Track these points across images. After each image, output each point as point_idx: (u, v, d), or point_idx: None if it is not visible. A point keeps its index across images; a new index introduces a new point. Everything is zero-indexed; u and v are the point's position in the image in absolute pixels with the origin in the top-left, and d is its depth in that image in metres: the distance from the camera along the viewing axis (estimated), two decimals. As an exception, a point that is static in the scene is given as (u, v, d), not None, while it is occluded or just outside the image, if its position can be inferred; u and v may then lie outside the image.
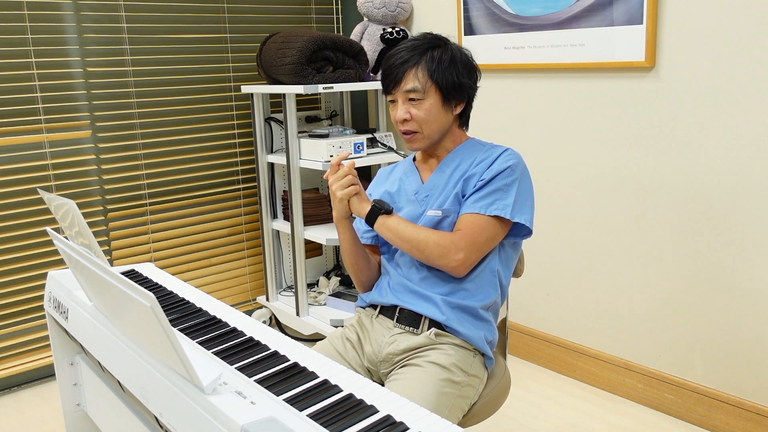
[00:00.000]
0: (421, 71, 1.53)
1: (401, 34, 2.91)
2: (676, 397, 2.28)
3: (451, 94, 1.55)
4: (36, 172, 2.58)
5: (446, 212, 1.56)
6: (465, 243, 1.50)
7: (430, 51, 1.54)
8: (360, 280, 1.70)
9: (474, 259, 1.51)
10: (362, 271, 1.68)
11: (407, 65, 1.53)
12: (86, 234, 1.46)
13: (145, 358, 1.17)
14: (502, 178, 1.53)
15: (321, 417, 0.98)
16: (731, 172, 2.05)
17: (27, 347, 2.66)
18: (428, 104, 1.54)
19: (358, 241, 1.66)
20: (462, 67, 1.56)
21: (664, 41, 2.14)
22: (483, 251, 1.52)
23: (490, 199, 1.51)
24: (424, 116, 1.55)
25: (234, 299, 3.18)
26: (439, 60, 1.53)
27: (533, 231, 1.64)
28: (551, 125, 2.51)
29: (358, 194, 1.56)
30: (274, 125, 3.04)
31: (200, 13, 2.89)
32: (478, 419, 1.54)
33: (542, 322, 2.70)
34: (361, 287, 1.72)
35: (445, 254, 1.49)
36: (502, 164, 1.54)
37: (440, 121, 1.57)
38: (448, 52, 1.55)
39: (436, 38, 1.58)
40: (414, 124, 1.56)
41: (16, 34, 2.48)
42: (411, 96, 1.54)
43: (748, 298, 2.07)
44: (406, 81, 1.53)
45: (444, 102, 1.55)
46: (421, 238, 1.51)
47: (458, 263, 1.50)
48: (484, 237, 1.51)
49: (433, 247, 1.50)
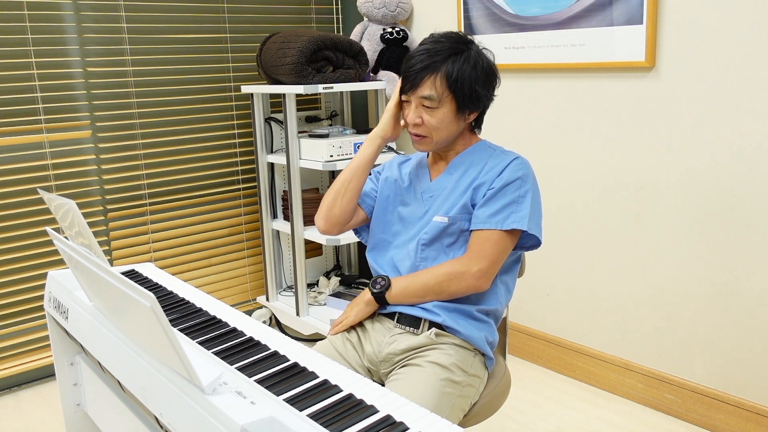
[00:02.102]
0: (440, 80, 1.49)
1: (401, 34, 2.91)
2: (676, 397, 2.28)
3: (467, 103, 1.53)
4: (36, 172, 2.58)
5: (453, 220, 1.54)
6: (476, 257, 1.48)
7: (452, 57, 1.50)
8: (332, 208, 1.64)
9: (492, 270, 1.49)
10: (344, 201, 1.63)
11: (426, 71, 1.50)
12: (86, 234, 1.46)
13: (145, 358, 1.17)
14: (514, 189, 1.51)
15: (321, 417, 0.98)
16: (731, 172, 2.05)
17: (27, 347, 2.66)
18: (441, 113, 1.52)
19: (363, 180, 1.64)
20: (483, 75, 1.52)
21: (664, 41, 2.14)
22: (499, 262, 1.51)
23: (505, 213, 1.49)
24: (436, 124, 1.52)
25: (234, 299, 3.18)
26: (461, 66, 1.49)
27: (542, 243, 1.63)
28: (551, 125, 2.51)
29: (355, 309, 1.59)
30: (274, 125, 3.04)
31: (200, 13, 2.89)
32: (479, 419, 1.54)
33: (542, 322, 2.70)
34: (323, 218, 1.65)
35: (462, 276, 1.48)
36: (512, 174, 1.51)
37: (451, 129, 1.55)
38: (471, 60, 1.51)
39: (460, 41, 1.53)
40: (424, 129, 1.54)
41: (16, 34, 2.48)
42: (425, 103, 1.51)
43: (748, 298, 2.07)
44: (423, 88, 1.50)
45: (458, 112, 1.53)
46: (431, 282, 1.50)
47: (477, 276, 1.48)
48: (496, 248, 1.49)
49: (446, 279, 1.49)
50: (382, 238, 1.68)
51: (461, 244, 1.55)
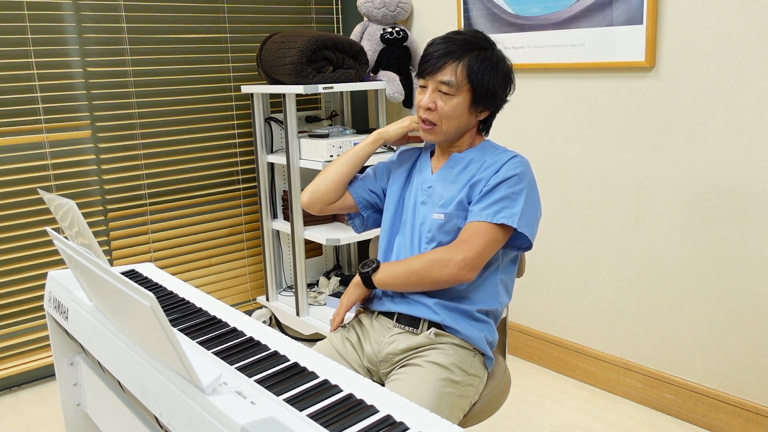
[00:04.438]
0: (462, 67, 1.50)
1: (401, 34, 2.91)
2: (676, 397, 2.28)
3: (482, 99, 1.53)
4: (36, 172, 2.58)
5: (449, 216, 1.54)
6: (462, 246, 1.47)
7: (477, 50, 1.52)
8: (318, 185, 1.73)
9: (478, 261, 1.47)
10: (330, 183, 1.71)
11: (451, 57, 1.51)
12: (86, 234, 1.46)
13: (145, 358, 1.17)
14: (509, 185, 1.50)
15: (321, 417, 0.98)
16: (731, 172, 2.05)
17: (27, 347, 2.66)
18: (456, 101, 1.52)
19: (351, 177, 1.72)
20: (501, 77, 1.54)
21: (664, 41, 2.14)
22: (485, 254, 1.48)
23: (497, 206, 1.49)
24: (449, 112, 1.52)
25: (234, 299, 3.18)
26: (482, 62, 1.51)
27: (533, 245, 1.63)
28: (551, 125, 2.51)
29: (347, 295, 1.61)
30: (274, 125, 3.04)
31: (200, 13, 2.89)
32: (479, 419, 1.54)
33: (542, 322, 2.70)
34: (308, 192, 1.75)
35: (445, 263, 1.46)
36: (509, 171, 1.51)
37: (462, 121, 1.55)
38: (494, 57, 1.53)
39: (485, 39, 1.55)
40: (435, 116, 1.54)
41: (16, 34, 2.48)
42: (443, 88, 1.52)
43: (748, 298, 2.07)
44: (444, 72, 1.51)
45: (472, 105, 1.53)
46: (416, 266, 1.50)
47: (460, 265, 1.45)
48: (483, 240, 1.48)
49: (429, 265, 1.48)
50: (393, 226, 1.68)
51: None
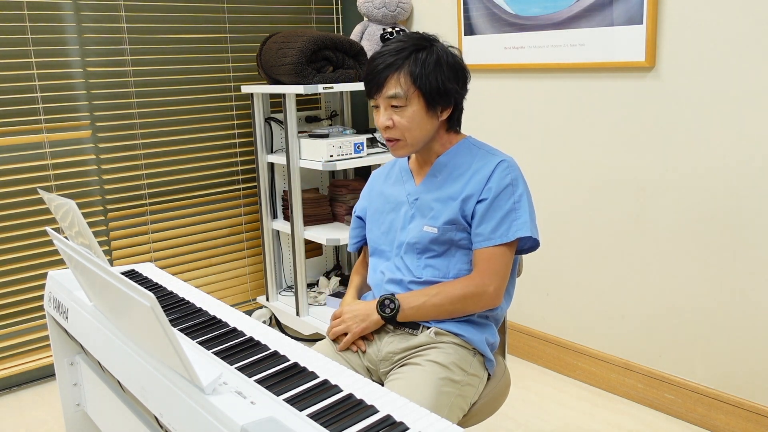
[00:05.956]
0: (404, 76, 1.46)
1: (401, 34, 2.91)
2: (676, 397, 2.28)
3: (436, 100, 1.49)
4: (36, 172, 2.58)
5: (441, 231, 1.53)
6: (491, 278, 1.49)
7: (414, 54, 1.47)
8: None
9: (505, 284, 1.52)
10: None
11: (390, 70, 1.47)
12: (86, 234, 1.46)
13: (145, 358, 1.17)
14: (507, 197, 1.49)
15: (321, 417, 0.98)
16: (731, 172, 2.05)
17: (27, 347, 2.66)
18: (411, 111, 1.48)
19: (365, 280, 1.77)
20: (448, 71, 1.49)
21: (664, 41, 2.14)
22: (508, 274, 1.52)
23: (505, 224, 1.48)
24: (407, 123, 1.49)
25: (234, 299, 3.18)
26: (423, 64, 1.46)
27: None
28: (551, 125, 2.51)
29: (362, 326, 1.55)
30: (274, 125, 3.04)
31: (200, 13, 2.89)
32: (478, 419, 1.54)
33: (542, 322, 2.70)
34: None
35: (479, 297, 1.49)
36: (501, 181, 1.49)
37: (424, 128, 1.51)
38: (434, 54, 1.48)
39: (421, 39, 1.51)
40: (397, 132, 1.50)
41: (16, 34, 2.48)
42: (393, 102, 1.48)
43: (748, 298, 2.07)
44: (388, 87, 1.47)
45: (428, 108, 1.50)
46: (447, 305, 1.50)
47: (494, 296, 1.49)
48: (504, 263, 1.50)
49: (461, 302, 1.49)
50: (378, 247, 1.66)
51: (454, 251, 1.54)
